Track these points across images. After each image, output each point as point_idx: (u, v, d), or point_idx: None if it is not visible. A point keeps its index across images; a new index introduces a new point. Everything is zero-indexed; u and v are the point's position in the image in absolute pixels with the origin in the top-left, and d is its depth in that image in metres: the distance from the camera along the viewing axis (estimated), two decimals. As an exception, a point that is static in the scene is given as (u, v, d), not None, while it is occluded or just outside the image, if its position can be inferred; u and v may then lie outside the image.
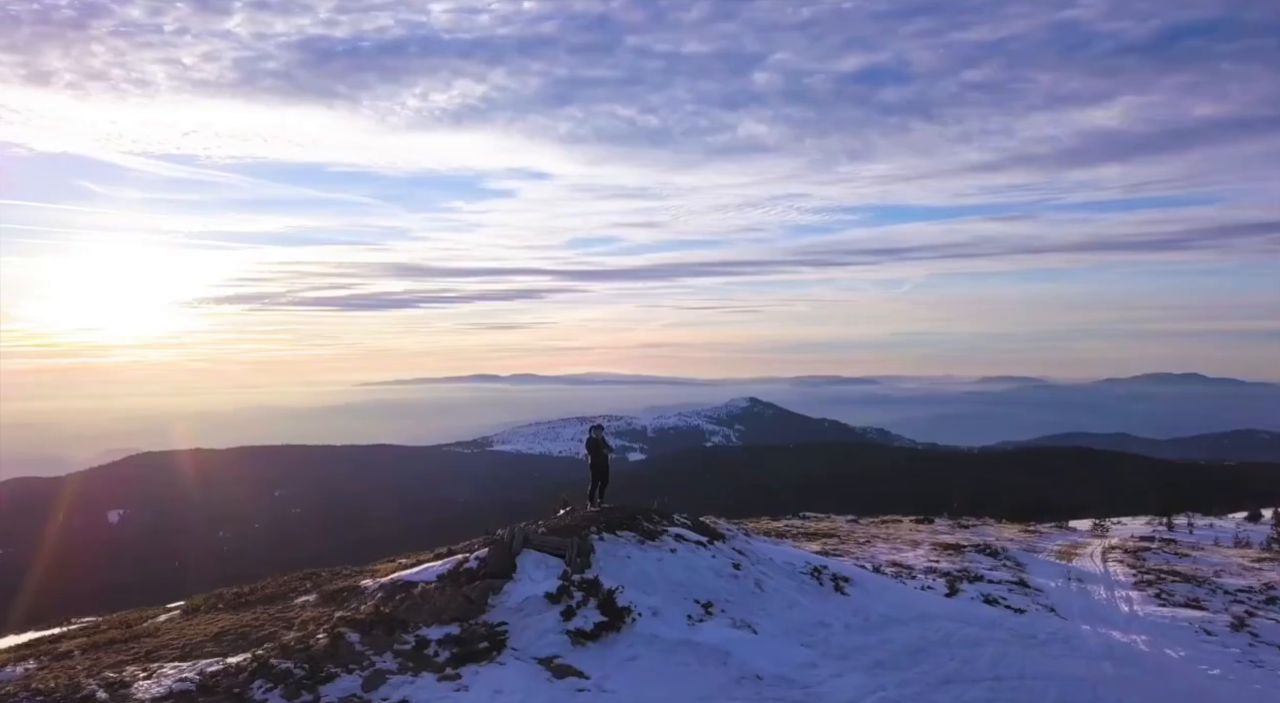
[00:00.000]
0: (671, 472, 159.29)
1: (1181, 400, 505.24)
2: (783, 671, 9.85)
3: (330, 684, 9.43)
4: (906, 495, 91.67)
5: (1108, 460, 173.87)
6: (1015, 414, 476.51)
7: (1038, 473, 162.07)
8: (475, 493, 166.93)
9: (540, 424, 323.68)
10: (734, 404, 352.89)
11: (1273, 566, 20.37)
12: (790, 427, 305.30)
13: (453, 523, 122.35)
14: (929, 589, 14.51)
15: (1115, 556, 20.80)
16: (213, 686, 9.26)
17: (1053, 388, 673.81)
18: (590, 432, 15.64)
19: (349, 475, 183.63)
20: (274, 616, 11.92)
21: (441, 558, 13.19)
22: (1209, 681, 11.22)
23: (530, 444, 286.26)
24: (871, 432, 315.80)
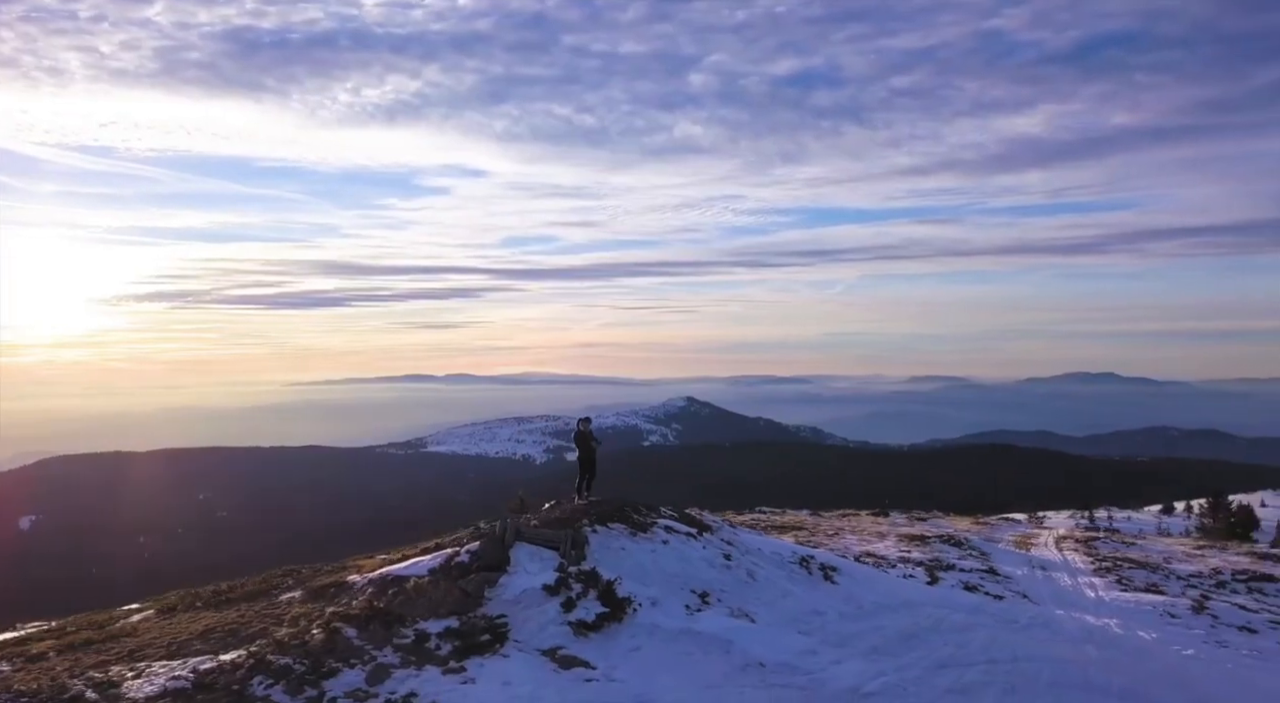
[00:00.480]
0: (609, 472, 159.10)
1: (1099, 399, 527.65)
2: (784, 658, 10.07)
3: (333, 679, 9.32)
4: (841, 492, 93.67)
5: (1031, 457, 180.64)
6: (943, 413, 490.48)
7: (965, 470, 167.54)
8: (409, 495, 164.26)
9: (476, 425, 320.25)
10: (671, 404, 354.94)
11: (1214, 552, 21.54)
12: (726, 426, 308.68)
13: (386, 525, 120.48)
14: (911, 578, 14.96)
15: (1069, 545, 21.73)
16: (209, 683, 9.08)
17: (978, 387, 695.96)
18: (578, 425, 15.67)
19: (277, 478, 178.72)
20: (260, 612, 11.69)
21: (430, 552, 13.09)
22: (1184, 661, 11.84)
23: (466, 445, 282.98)
24: (805, 430, 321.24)
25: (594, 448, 15.52)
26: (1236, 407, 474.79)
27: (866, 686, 9.52)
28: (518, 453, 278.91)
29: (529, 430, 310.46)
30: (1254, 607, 15.51)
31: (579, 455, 15.51)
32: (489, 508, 62.84)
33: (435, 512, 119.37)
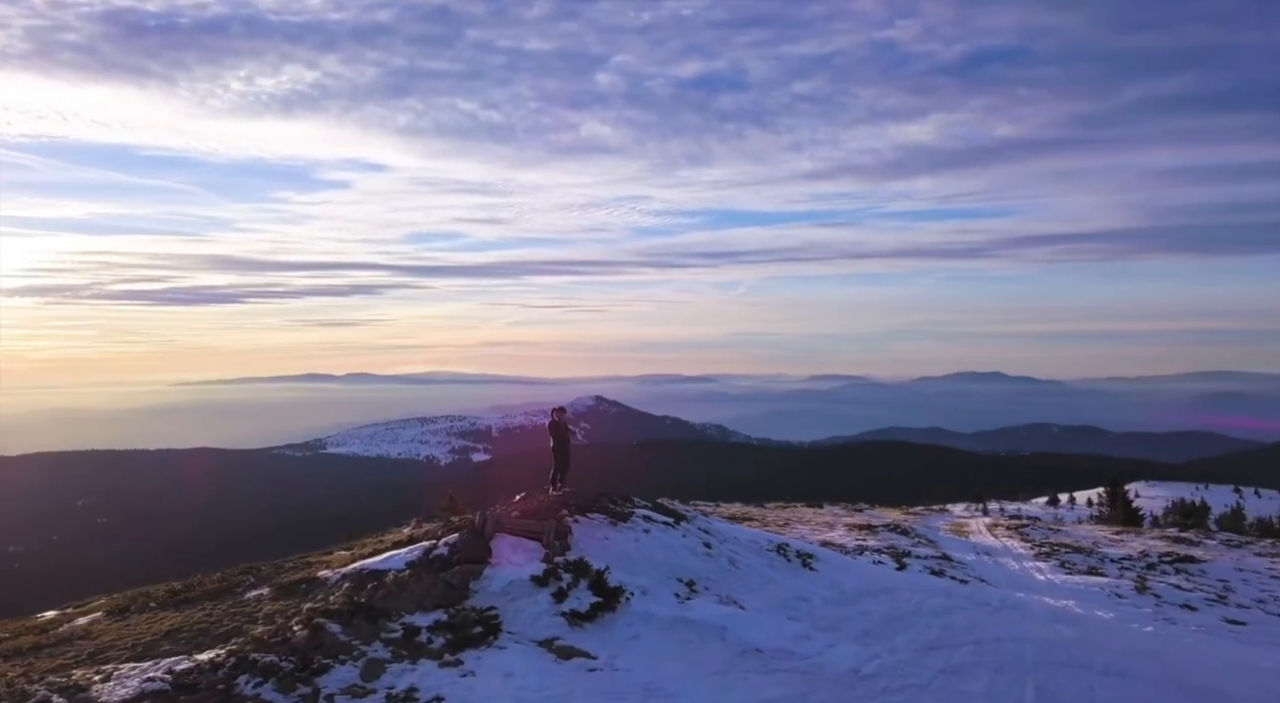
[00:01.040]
0: (519, 472, 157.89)
1: (985, 397, 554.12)
2: (780, 643, 10.19)
3: (326, 676, 8.97)
4: (750, 488, 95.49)
5: (923, 453, 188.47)
6: (842, 411, 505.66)
7: (863, 465, 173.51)
8: (307, 498, 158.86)
9: (378, 425, 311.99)
10: (580, 403, 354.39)
11: (1132, 536, 22.96)
12: (634, 424, 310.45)
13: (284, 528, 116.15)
14: (880, 564, 15.36)
15: (1001, 532, 22.74)
16: (191, 683, 8.61)
17: (874, 386, 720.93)
18: (552, 414, 15.47)
19: (164, 481, 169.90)
20: (228, 611, 11.13)
21: (404, 546, 12.71)
22: (1148, 638, 12.48)
23: (368, 446, 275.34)
24: (711, 428, 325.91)
25: (569, 439, 15.36)
26: (1109, 404, 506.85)
27: (864, 668, 9.72)
28: (422, 454, 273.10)
29: (434, 431, 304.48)
30: (1188, 586, 16.58)
31: (553, 446, 15.33)
32: (395, 510, 61.69)
33: (335, 515, 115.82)
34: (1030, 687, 9.52)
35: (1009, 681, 9.72)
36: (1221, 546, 21.25)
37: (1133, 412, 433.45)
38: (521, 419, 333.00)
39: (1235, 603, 15.54)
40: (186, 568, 16.08)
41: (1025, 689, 9.46)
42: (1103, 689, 9.66)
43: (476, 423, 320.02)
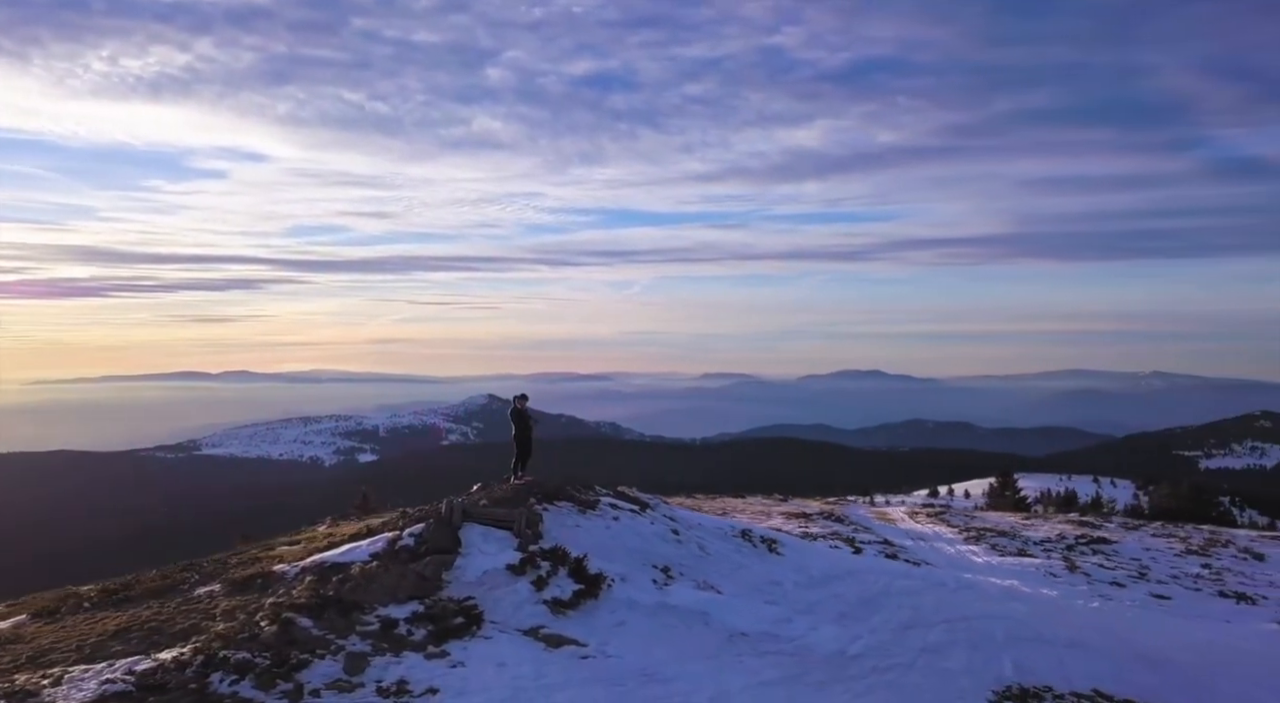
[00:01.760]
0: (406, 472, 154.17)
1: (867, 394, 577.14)
2: (763, 627, 10.28)
3: (306, 671, 8.54)
4: (643, 485, 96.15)
5: (810, 449, 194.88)
6: (731, 408, 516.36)
7: (752, 461, 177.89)
8: (179, 501, 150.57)
9: (258, 425, 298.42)
10: (471, 401, 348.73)
11: (1040, 521, 24.39)
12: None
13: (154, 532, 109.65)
14: (837, 549, 15.71)
15: (923, 519, 23.72)
16: (158, 684, 8.07)
17: (763, 384, 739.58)
18: (514, 401, 15.13)
19: (19, 485, 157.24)
20: (179, 609, 10.46)
21: (363, 537, 12.22)
22: (1095, 613, 13.19)
23: (246, 447, 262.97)
24: (605, 426, 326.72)
25: (531, 426, 15.09)
26: (980, 400, 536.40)
27: (850, 649, 9.92)
28: (305, 455, 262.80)
29: (317, 431, 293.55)
30: (1109, 565, 17.65)
31: (514, 434, 15.02)
32: (276, 513, 59.49)
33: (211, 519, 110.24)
34: (1007, 662, 9.94)
35: (985, 657, 10.11)
36: (1120, 528, 22.87)
37: (1001, 408, 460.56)
38: (410, 419, 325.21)
39: (1155, 580, 16.65)
40: (53, 577, 14.99)
41: (1003, 664, 9.87)
42: (1072, 662, 10.18)
43: (363, 423, 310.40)
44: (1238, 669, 10.67)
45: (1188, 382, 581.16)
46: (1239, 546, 20.44)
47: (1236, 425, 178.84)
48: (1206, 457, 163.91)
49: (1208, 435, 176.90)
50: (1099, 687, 9.58)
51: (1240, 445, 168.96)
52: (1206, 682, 10.12)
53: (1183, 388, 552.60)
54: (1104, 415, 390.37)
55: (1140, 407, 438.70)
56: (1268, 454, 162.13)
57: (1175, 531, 22.83)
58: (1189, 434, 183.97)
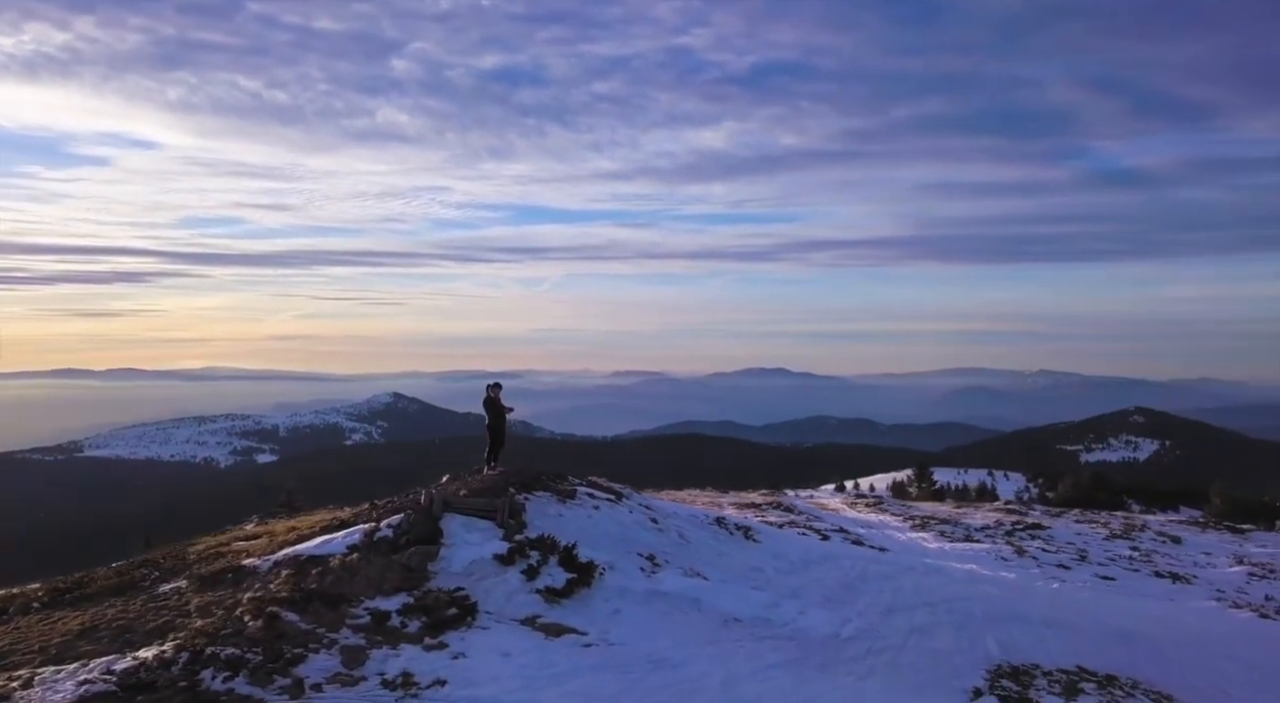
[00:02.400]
0: (308, 472, 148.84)
1: (772, 391, 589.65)
2: (755, 612, 10.37)
3: (302, 665, 8.22)
4: None
5: (718, 445, 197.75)
6: (642, 405, 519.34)
7: (664, 457, 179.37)
8: (58, 505, 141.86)
9: (147, 426, 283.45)
10: (376, 400, 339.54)
11: (970, 510, 25.44)
12: (435, 422, 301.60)
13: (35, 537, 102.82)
14: (805, 536, 15.94)
15: (863, 508, 24.39)
16: (144, 682, 7.66)
17: (673, 381, 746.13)
18: (488, 390, 14.83)
19: None
20: (147, 607, 9.89)
21: (336, 530, 11.79)
22: (1058, 594, 13.73)
23: (134, 448, 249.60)
24: (515, 424, 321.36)
25: (504, 415, 14.82)
26: (880, 397, 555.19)
27: (842, 632, 10.10)
28: (198, 456, 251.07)
29: (211, 431, 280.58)
30: (1051, 549, 18.35)
31: (488, 423, 14.72)
32: (167, 515, 56.81)
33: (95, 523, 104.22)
34: (990, 641, 10.27)
35: (970, 636, 10.40)
36: (1045, 516, 24.11)
37: (899, 404, 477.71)
38: (312, 418, 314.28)
39: (1095, 562, 17.46)
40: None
41: (987, 644, 10.20)
42: (1050, 639, 10.58)
43: (261, 422, 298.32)
44: (1199, 643, 11.34)
45: (1070, 379, 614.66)
46: (1154, 530, 21.80)
47: (1113, 421, 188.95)
48: (1087, 450, 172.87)
49: (1088, 430, 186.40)
50: (1082, 663, 9.99)
51: (1116, 439, 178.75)
52: (1175, 655, 10.68)
53: (1065, 385, 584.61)
54: (994, 412, 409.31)
55: (1027, 403, 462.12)
56: (1140, 448, 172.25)
57: (1094, 517, 24.22)
58: (1071, 429, 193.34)
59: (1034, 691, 9.09)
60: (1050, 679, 9.47)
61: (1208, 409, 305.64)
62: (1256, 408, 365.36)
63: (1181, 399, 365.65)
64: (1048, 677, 9.54)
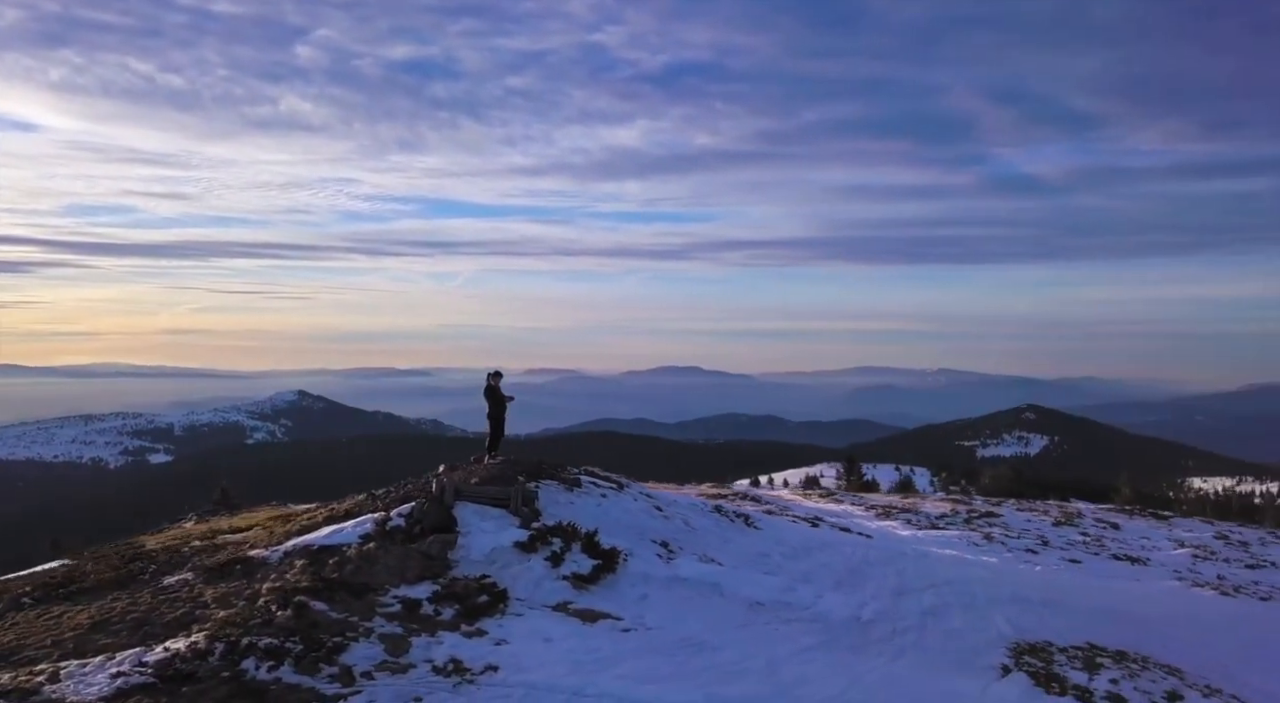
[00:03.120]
0: (206, 473, 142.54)
1: (685, 389, 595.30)
2: (774, 596, 10.54)
3: (346, 654, 8.09)
4: None
5: (633, 441, 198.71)
6: (556, 403, 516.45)
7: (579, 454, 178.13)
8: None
9: (28, 424, 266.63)
10: (279, 397, 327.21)
11: (920, 499, 26.29)
12: (342, 420, 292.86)
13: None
14: (797, 523, 16.15)
15: (816, 497, 24.90)
16: (184, 673, 7.45)
17: (587, 379, 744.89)
18: (488, 378, 14.58)
19: None
20: (158, 599, 9.55)
21: (338, 520, 11.51)
22: (1043, 576, 14.30)
23: (14, 448, 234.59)
24: (426, 423, 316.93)
25: (504, 403, 14.62)
26: (789, 395, 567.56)
27: (862, 615, 10.36)
28: (85, 456, 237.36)
29: (100, 430, 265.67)
30: (1013, 535, 18.93)
31: (489, 411, 14.51)
32: (46, 517, 54.34)
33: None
34: (1000, 620, 10.66)
35: (978, 616, 10.78)
36: (986, 503, 25.20)
37: (807, 401, 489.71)
38: (210, 416, 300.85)
39: (1057, 546, 18.15)
40: None
41: (998, 623, 10.58)
42: (1053, 618, 11.03)
43: (155, 420, 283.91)
44: (1188, 621, 11.93)
45: (968, 377, 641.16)
46: (1092, 517, 23.08)
47: (1007, 417, 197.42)
48: (983, 445, 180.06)
49: (984, 426, 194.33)
50: (1090, 640, 10.46)
51: (1010, 435, 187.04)
52: (1170, 633, 11.27)
53: (964, 383, 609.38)
54: (897, 408, 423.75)
55: (928, 400, 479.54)
56: (1031, 443, 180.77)
57: (1034, 504, 25.51)
58: (969, 425, 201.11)
59: (1056, 666, 9.50)
60: (1068, 655, 9.90)
61: (1091, 405, 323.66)
62: (1134, 404, 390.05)
63: (1068, 396, 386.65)
64: (1064, 653, 9.96)
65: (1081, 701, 8.64)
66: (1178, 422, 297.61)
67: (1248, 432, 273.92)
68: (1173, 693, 9.17)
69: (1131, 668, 9.74)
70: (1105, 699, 8.75)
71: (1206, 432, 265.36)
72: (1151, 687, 9.26)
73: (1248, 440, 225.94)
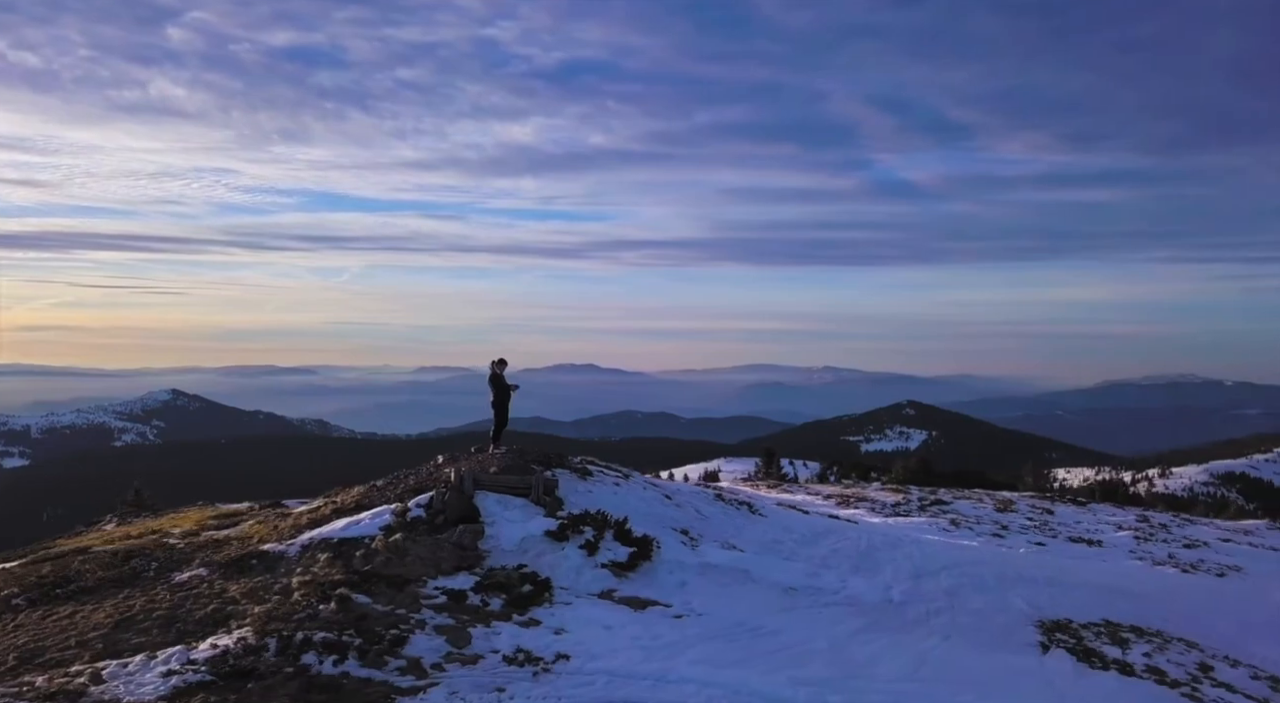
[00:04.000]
0: (69, 478, 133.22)
1: (582, 387, 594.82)
2: (803, 581, 10.64)
3: (407, 646, 7.75)
4: (358, 482, 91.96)
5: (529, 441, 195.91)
6: (449, 402, 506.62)
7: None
8: None
9: None
10: (151, 397, 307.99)
11: (863, 488, 27.04)
12: (220, 421, 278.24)
13: None
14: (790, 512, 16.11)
15: (765, 488, 25.09)
16: (245, 670, 7.07)
17: (481, 377, 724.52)
18: (492, 367, 14.10)
19: None
20: (177, 596, 8.94)
21: (346, 513, 10.98)
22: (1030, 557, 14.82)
23: None
24: (310, 423, 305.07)
25: (509, 392, 14.19)
26: (682, 393, 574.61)
27: (893, 597, 10.57)
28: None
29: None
30: (971, 521, 19.40)
31: (493, 400, 14.05)
32: None
33: None
34: (1017, 600, 10.99)
35: (996, 597, 11.06)
36: (930, 493, 26.05)
37: (700, 399, 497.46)
38: (73, 417, 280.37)
39: (1015, 531, 18.75)
40: None
41: (1016, 602, 10.91)
42: (1062, 597, 11.39)
43: (9, 422, 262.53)
44: (1168, 596, 12.55)
45: (852, 375, 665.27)
46: (1026, 504, 24.15)
47: (888, 413, 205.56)
48: (866, 441, 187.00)
49: (867, 422, 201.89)
50: (1106, 617, 10.87)
51: (891, 430, 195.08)
52: (1172, 609, 11.77)
53: (848, 380, 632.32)
54: (785, 405, 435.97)
55: (814, 397, 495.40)
56: (911, 438, 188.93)
57: (968, 493, 26.60)
58: (853, 421, 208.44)
59: (1087, 642, 9.85)
60: (1092, 632, 10.27)
61: (965, 402, 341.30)
62: (1004, 400, 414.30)
63: (945, 393, 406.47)
64: (1087, 629, 10.33)
65: (1126, 674, 9.01)
66: (1041, 417, 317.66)
67: (1101, 425, 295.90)
68: (1204, 665, 9.64)
69: (1155, 642, 10.17)
70: (1147, 672, 9.15)
71: (1067, 426, 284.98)
72: (1182, 659, 9.71)
73: (1102, 434, 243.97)
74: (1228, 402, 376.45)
